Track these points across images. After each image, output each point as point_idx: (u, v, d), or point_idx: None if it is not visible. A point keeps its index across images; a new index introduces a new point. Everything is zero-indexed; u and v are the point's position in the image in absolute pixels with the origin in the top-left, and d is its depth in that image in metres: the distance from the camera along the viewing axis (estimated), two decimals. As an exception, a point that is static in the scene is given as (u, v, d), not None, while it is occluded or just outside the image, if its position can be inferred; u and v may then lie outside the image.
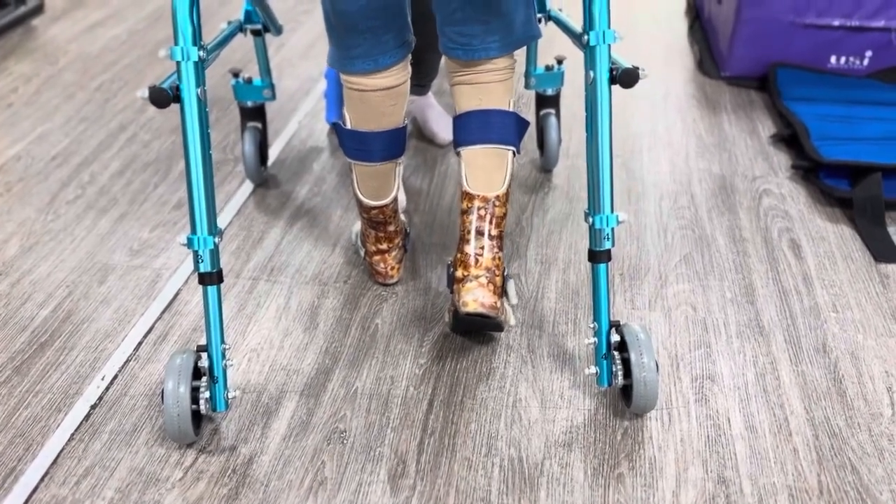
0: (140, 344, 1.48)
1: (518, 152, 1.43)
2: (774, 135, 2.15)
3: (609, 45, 1.23)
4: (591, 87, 1.24)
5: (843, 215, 1.84)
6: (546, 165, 1.99)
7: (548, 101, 1.97)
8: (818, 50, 2.36)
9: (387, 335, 1.51)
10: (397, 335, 1.51)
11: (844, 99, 2.21)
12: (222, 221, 1.83)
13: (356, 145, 1.46)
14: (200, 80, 1.19)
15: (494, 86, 1.41)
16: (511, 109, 1.42)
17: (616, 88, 1.54)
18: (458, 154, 1.42)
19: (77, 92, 2.42)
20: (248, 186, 1.95)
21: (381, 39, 1.35)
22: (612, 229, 1.27)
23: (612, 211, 1.27)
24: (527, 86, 1.92)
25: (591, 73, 1.24)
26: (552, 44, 2.73)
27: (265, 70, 1.87)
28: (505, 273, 1.39)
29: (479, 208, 1.37)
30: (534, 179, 1.98)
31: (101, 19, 2.96)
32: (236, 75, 1.84)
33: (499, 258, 1.36)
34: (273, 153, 2.10)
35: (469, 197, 1.38)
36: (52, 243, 1.75)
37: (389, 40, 1.36)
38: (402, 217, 1.68)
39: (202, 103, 1.19)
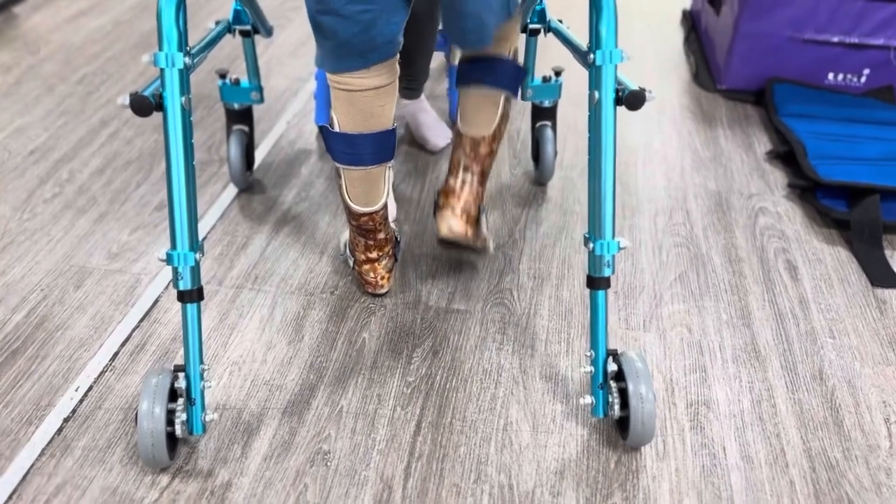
0: (116, 354, 1.43)
1: (514, 96, 1.54)
2: (770, 151, 2.12)
3: (615, 66, 1.19)
4: (595, 108, 1.20)
5: (839, 237, 1.81)
6: (540, 179, 1.95)
7: (544, 113, 1.92)
8: (816, 66, 2.33)
9: (374, 350, 1.46)
10: (385, 351, 1.46)
11: (841, 117, 2.19)
12: (205, 225, 1.77)
13: (345, 148, 1.42)
14: (185, 89, 1.13)
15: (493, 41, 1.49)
16: (508, 57, 1.49)
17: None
18: (458, 91, 1.54)
19: (58, 84, 2.35)
20: (232, 189, 1.90)
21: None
22: (613, 256, 1.23)
23: (613, 236, 1.23)
24: (523, 97, 1.88)
25: (596, 94, 1.19)
26: (548, 53, 2.69)
27: (254, 72, 1.81)
28: (481, 206, 1.57)
29: (465, 146, 1.54)
30: (527, 191, 1.94)
31: (84, 9, 2.89)
32: (223, 76, 1.78)
33: (477, 192, 1.54)
34: (259, 155, 2.04)
35: (459, 134, 1.55)
36: (28, 243, 1.69)
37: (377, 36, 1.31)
38: (393, 225, 1.64)
39: (186, 112, 1.14)
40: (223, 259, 1.67)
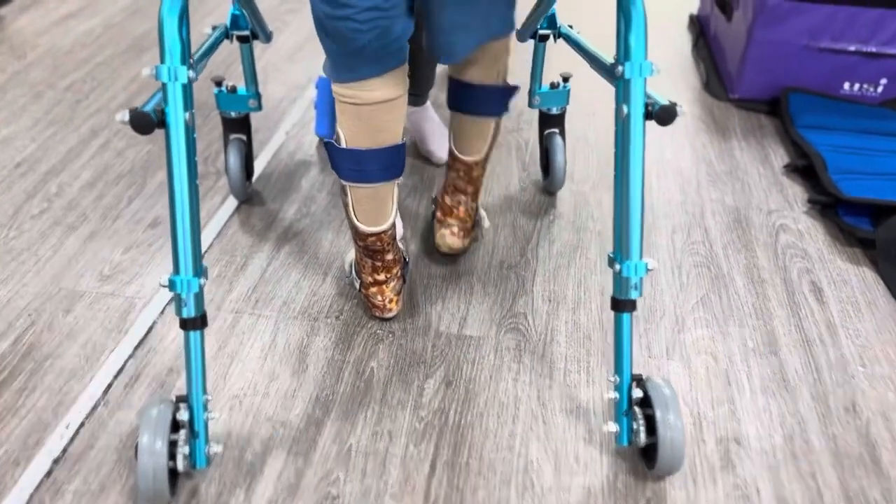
0: (110, 386, 1.34)
1: (505, 113, 1.63)
2: (788, 164, 2.05)
3: (645, 79, 1.11)
4: (623, 124, 1.12)
5: (864, 256, 1.74)
6: (550, 188, 1.87)
7: (552, 121, 1.84)
8: (832, 75, 2.26)
9: (383, 382, 1.37)
10: (395, 381, 1.38)
11: (859, 129, 2.12)
12: (203, 242, 1.68)
13: (352, 165, 1.34)
14: (189, 104, 1.05)
15: (479, 63, 1.46)
16: (498, 81, 1.49)
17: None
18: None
19: (46, 91, 2.25)
20: (231, 203, 1.81)
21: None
22: (641, 278, 1.15)
23: (640, 257, 1.15)
24: (530, 104, 1.80)
25: (625, 108, 1.12)
26: (553, 55, 2.61)
27: (251, 79, 1.72)
28: (476, 213, 1.65)
29: (459, 169, 1.60)
30: (538, 205, 1.86)
31: (73, 10, 2.79)
32: (219, 84, 1.70)
33: (471, 209, 1.63)
34: (258, 166, 1.95)
35: (453, 156, 1.60)
36: (14, 264, 1.60)
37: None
38: (400, 245, 1.56)
39: (190, 129, 1.05)
40: (222, 281, 1.58)
